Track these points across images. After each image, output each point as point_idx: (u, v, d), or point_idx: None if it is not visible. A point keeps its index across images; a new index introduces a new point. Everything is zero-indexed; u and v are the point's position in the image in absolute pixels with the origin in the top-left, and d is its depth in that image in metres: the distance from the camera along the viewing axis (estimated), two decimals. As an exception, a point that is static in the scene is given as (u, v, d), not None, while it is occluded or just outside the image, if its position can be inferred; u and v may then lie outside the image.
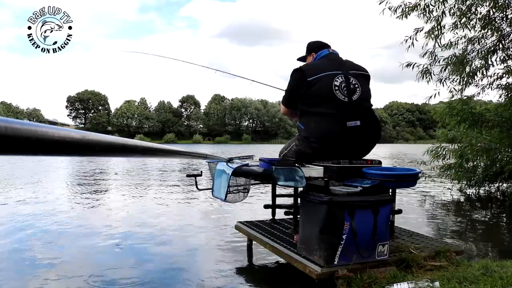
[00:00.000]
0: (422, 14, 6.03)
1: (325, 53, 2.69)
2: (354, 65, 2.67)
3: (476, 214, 5.38)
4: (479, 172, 6.62)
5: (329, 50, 2.70)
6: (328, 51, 2.69)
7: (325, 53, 2.69)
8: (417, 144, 62.30)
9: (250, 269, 2.96)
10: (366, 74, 2.67)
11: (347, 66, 2.61)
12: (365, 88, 2.60)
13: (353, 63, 2.69)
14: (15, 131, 0.44)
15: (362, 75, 2.63)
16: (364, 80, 2.62)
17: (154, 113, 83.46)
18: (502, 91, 6.27)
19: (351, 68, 2.61)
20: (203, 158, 2.48)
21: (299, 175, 2.22)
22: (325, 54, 2.69)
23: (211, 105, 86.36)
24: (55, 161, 13.81)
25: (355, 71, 2.61)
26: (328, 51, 2.70)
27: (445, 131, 7.15)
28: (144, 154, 1.04)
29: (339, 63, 2.62)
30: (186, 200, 5.96)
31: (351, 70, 2.59)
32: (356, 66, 2.66)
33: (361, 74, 2.62)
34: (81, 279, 2.58)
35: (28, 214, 4.66)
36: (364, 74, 2.65)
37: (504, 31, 5.88)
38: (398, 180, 2.49)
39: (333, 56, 2.68)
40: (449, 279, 2.03)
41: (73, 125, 77.88)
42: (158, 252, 3.25)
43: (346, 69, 2.57)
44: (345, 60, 2.68)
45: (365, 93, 2.58)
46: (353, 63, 2.69)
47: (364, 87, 2.59)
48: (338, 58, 2.69)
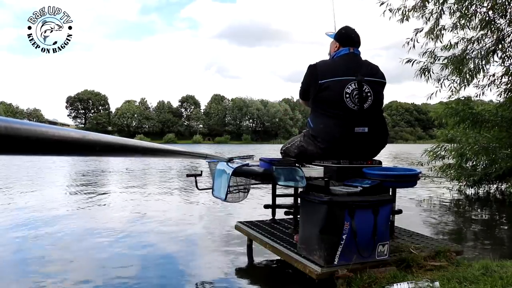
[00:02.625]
0: (421, 15, 6.05)
1: (345, 53, 2.55)
2: (372, 70, 2.55)
3: (476, 214, 5.38)
4: (478, 172, 6.62)
5: (349, 50, 2.56)
6: (348, 51, 2.55)
7: (344, 52, 2.55)
8: (417, 144, 62.29)
9: (250, 269, 2.96)
10: (382, 82, 2.57)
11: (363, 71, 2.48)
12: (378, 96, 2.51)
13: (371, 68, 2.56)
14: (15, 131, 0.44)
15: (378, 82, 2.53)
16: (378, 88, 2.52)
17: (154, 113, 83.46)
18: (502, 91, 6.28)
19: (367, 74, 2.49)
20: (203, 158, 2.48)
21: (299, 175, 2.22)
22: (344, 53, 2.55)
23: (211, 105, 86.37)
24: (55, 161, 13.81)
25: (371, 77, 2.49)
26: (348, 50, 2.55)
27: (444, 131, 7.15)
28: (144, 154, 1.04)
29: (356, 67, 2.49)
30: (186, 200, 5.96)
31: (366, 77, 2.48)
32: (374, 72, 2.54)
33: (377, 82, 2.53)
34: (81, 279, 2.58)
35: (28, 214, 4.66)
36: (380, 82, 2.55)
37: (504, 31, 5.88)
38: (398, 180, 2.49)
39: (351, 57, 2.55)
40: (449, 279, 2.03)
41: (73, 125, 77.89)
42: (158, 251, 3.25)
43: (362, 75, 2.46)
44: (363, 62, 2.56)
45: (377, 101, 2.50)
46: (372, 67, 2.56)
47: (378, 95, 2.50)
48: (356, 60, 2.55)
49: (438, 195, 6.65)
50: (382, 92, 2.58)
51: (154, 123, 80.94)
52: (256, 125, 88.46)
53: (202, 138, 78.91)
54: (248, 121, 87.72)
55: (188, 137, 79.83)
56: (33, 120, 47.05)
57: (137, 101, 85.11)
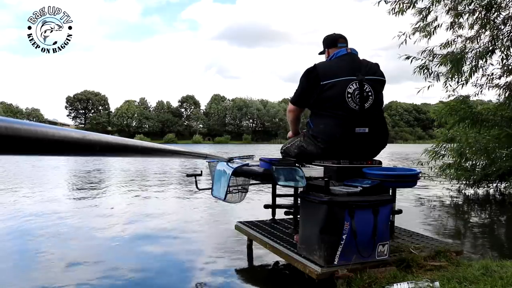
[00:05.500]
0: (418, 12, 6.06)
1: (343, 53, 2.57)
2: (372, 68, 2.56)
3: (476, 214, 5.38)
4: (478, 172, 6.62)
5: (347, 50, 2.58)
6: (345, 51, 2.57)
7: (342, 53, 2.57)
8: (417, 144, 62.30)
9: (250, 269, 2.96)
10: (382, 80, 2.58)
11: (364, 71, 2.50)
12: (379, 96, 2.52)
13: (370, 66, 2.57)
14: (15, 131, 0.44)
15: (378, 80, 2.54)
16: (379, 87, 2.54)
17: (154, 113, 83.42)
18: (501, 90, 6.27)
19: (367, 73, 2.50)
20: (203, 158, 2.48)
21: (299, 175, 2.22)
22: (342, 54, 2.56)
23: (211, 105, 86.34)
24: (55, 161, 13.81)
25: (372, 76, 2.51)
26: (345, 51, 2.57)
27: (444, 131, 7.15)
28: (144, 154, 1.04)
29: (356, 66, 2.50)
30: (186, 200, 5.96)
31: (367, 75, 2.48)
32: (373, 70, 2.55)
33: (377, 80, 2.54)
34: (81, 279, 2.58)
35: (29, 213, 4.66)
36: (380, 80, 2.56)
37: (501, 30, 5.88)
38: (398, 180, 2.49)
39: (350, 57, 2.56)
40: (449, 279, 2.03)
41: (73, 125, 77.84)
42: (158, 251, 3.25)
43: (363, 74, 2.47)
44: (362, 62, 2.57)
45: (378, 100, 2.51)
46: (371, 66, 2.57)
47: (378, 94, 2.51)
48: (355, 59, 2.56)
49: (438, 195, 6.65)
50: (382, 91, 2.59)
51: (154, 123, 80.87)
52: (256, 125, 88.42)
53: (202, 138, 78.85)
54: (248, 121, 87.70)
55: (188, 137, 79.77)
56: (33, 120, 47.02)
57: (137, 101, 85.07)
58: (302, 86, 2.58)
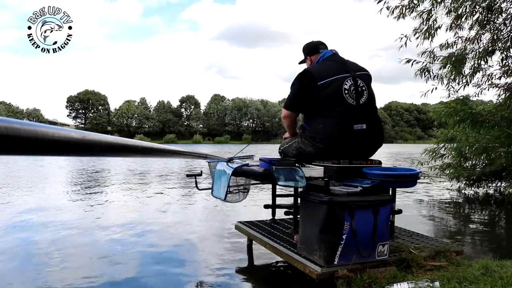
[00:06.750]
0: (419, 16, 6.05)
1: (329, 55, 2.65)
2: (357, 65, 2.66)
3: (476, 214, 5.38)
4: (477, 171, 6.62)
5: (332, 51, 2.67)
6: (331, 52, 2.66)
7: (328, 54, 2.65)
8: (417, 144, 62.28)
9: (250, 269, 2.96)
10: (370, 75, 2.67)
11: (353, 68, 2.59)
12: (371, 91, 2.60)
13: (356, 64, 2.67)
14: (15, 131, 0.44)
15: (368, 76, 2.63)
16: (369, 82, 2.62)
17: (154, 113, 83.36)
18: (501, 91, 6.27)
19: (356, 69, 2.59)
20: (203, 158, 2.48)
21: (299, 175, 2.22)
22: (329, 55, 2.64)
23: (211, 105, 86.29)
24: (54, 161, 13.81)
25: (361, 72, 2.60)
26: (331, 52, 2.67)
27: (444, 131, 7.16)
28: (144, 154, 1.04)
29: (345, 65, 2.59)
30: (186, 200, 5.96)
31: (357, 72, 2.57)
32: (360, 67, 2.66)
33: (367, 76, 2.63)
34: (81, 278, 2.58)
35: (29, 214, 4.66)
36: (369, 75, 2.66)
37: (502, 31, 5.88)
38: (398, 180, 2.49)
39: (337, 57, 2.64)
40: (449, 279, 2.03)
41: (73, 125, 77.77)
42: (158, 251, 3.25)
43: (353, 71, 2.55)
44: (347, 60, 2.66)
45: (371, 95, 2.58)
46: (356, 64, 2.68)
47: (370, 89, 2.60)
48: (342, 58, 2.65)
49: (438, 195, 6.65)
50: (371, 86, 2.66)
51: (154, 123, 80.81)
52: (256, 125, 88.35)
53: (202, 138, 78.80)
54: (248, 121, 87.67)
55: (188, 137, 79.71)
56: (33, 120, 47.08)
57: (137, 101, 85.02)
58: (296, 90, 2.60)
